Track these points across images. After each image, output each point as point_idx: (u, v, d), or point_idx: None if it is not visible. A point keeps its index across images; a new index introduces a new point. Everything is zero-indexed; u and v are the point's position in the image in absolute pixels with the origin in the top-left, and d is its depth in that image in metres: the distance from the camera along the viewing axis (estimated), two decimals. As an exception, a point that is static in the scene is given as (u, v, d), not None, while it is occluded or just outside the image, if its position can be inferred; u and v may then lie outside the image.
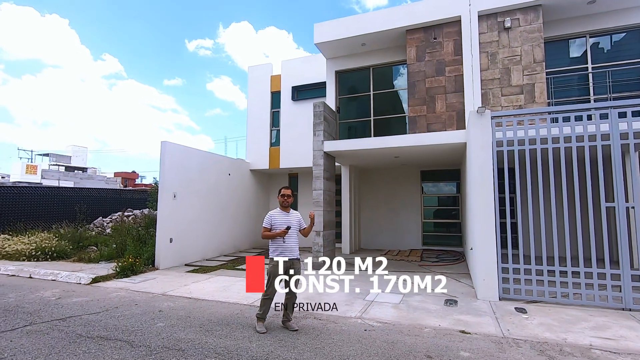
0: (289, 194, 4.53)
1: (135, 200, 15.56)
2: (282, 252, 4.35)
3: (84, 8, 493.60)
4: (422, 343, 3.97)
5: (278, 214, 4.51)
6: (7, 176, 36.22)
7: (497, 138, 5.89)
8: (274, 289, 4.32)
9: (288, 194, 4.53)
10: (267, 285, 4.35)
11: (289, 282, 4.37)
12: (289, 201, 4.54)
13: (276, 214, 4.51)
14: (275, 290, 4.33)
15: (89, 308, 5.27)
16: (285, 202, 4.52)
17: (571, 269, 5.35)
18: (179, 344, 3.90)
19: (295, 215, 4.61)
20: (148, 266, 8.22)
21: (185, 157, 9.37)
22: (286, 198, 4.51)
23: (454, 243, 11.58)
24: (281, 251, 4.36)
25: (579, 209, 5.39)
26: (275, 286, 4.31)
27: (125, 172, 47.34)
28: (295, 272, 4.38)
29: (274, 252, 4.40)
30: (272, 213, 4.53)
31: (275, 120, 13.13)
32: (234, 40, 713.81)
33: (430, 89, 8.72)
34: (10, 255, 9.26)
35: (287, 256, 4.35)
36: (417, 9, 8.87)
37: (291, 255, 4.38)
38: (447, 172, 11.93)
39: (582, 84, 8.22)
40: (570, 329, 4.33)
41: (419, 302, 5.57)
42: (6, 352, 3.68)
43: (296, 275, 4.40)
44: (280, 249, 4.37)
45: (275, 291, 4.34)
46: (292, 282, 4.37)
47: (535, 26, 7.82)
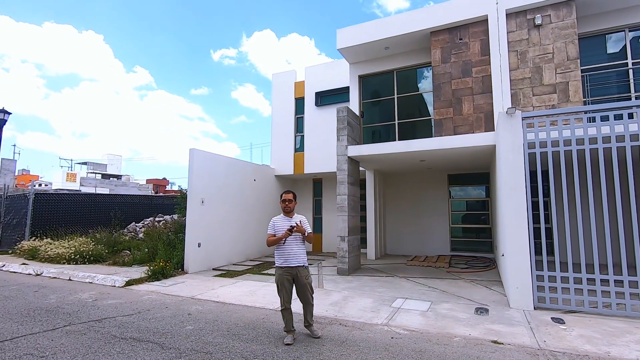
0: (290, 199, 4.37)
1: (165, 206, 16.12)
2: (287, 260, 4.21)
3: (117, 23, 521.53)
4: (451, 353, 3.84)
5: (281, 219, 4.39)
6: (50, 184, 38.60)
7: (528, 140, 5.66)
8: (286, 297, 4.18)
9: (289, 199, 4.37)
10: (279, 296, 4.23)
11: (299, 293, 4.26)
12: (290, 206, 4.37)
13: (279, 219, 4.39)
14: (288, 299, 4.18)
15: (122, 310, 5.49)
16: (287, 207, 4.37)
17: (614, 277, 5.02)
18: (207, 347, 3.98)
19: (299, 220, 4.38)
20: (177, 270, 8.47)
21: (212, 163, 9.63)
22: (287, 203, 4.36)
23: (484, 249, 11.18)
24: (285, 258, 4.22)
25: (621, 213, 5.06)
26: (286, 295, 4.18)
27: (156, 178, 49.22)
28: (302, 280, 4.22)
29: (278, 260, 4.28)
30: (275, 218, 4.42)
31: (299, 126, 13.25)
32: (257, 49, 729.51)
33: (457, 91, 8.51)
34: (52, 259, 9.83)
35: (292, 264, 4.20)
36: (441, 10, 8.72)
37: (297, 262, 4.22)
38: (476, 176, 11.57)
39: (621, 81, 7.76)
40: (614, 342, 4.05)
41: (448, 309, 5.40)
42: (47, 350, 3.89)
43: (304, 283, 4.23)
44: (284, 256, 4.22)
45: (289, 299, 4.19)
46: (302, 291, 4.24)
47: (568, 22, 7.48)
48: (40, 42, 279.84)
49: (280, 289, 4.22)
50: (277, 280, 4.26)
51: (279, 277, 4.24)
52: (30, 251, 10.58)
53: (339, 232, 8.47)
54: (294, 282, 4.26)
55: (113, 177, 42.42)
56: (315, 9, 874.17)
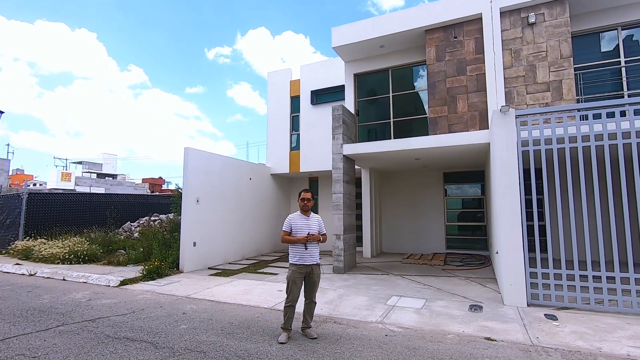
0: (309, 198, 4.39)
1: (161, 205, 16.05)
2: (302, 257, 4.24)
3: (111, 21, 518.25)
4: (445, 350, 3.85)
5: (298, 217, 4.39)
6: (44, 183, 38.32)
7: (522, 137, 5.69)
8: (296, 295, 4.21)
9: (308, 198, 4.39)
10: (288, 292, 4.23)
11: (307, 289, 4.31)
12: (309, 205, 4.39)
13: (297, 217, 4.39)
14: (297, 297, 4.22)
15: (116, 310, 5.46)
16: (305, 205, 4.38)
17: (606, 274, 5.06)
18: (201, 346, 3.97)
19: (316, 220, 4.45)
20: (173, 269, 8.44)
21: (207, 162, 9.59)
22: (306, 202, 4.38)
23: (479, 246, 11.24)
24: (301, 256, 4.25)
25: (613, 210, 5.10)
26: (296, 292, 4.22)
27: (152, 178, 49.04)
28: (314, 278, 4.29)
29: (293, 257, 4.29)
30: (293, 216, 4.42)
31: (295, 124, 13.23)
32: (251, 47, 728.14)
33: (451, 89, 8.53)
34: (46, 259, 9.76)
35: (307, 262, 4.24)
36: (435, 8, 8.73)
37: (312, 260, 4.26)
38: (471, 174, 11.62)
39: (614, 79, 7.82)
40: (606, 338, 4.09)
41: (442, 307, 5.42)
42: (40, 351, 3.86)
43: (315, 281, 4.30)
44: (300, 254, 4.25)
45: (297, 297, 4.23)
46: (311, 288, 4.30)
47: (561, 20, 7.52)
48: (32, 40, 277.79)
49: (292, 286, 4.22)
50: (290, 277, 4.25)
51: (292, 274, 4.24)
52: (23, 251, 10.50)
53: (335, 230, 8.47)
54: (305, 279, 4.28)
55: (108, 177, 42.18)
56: (309, 7, 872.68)
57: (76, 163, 44.75)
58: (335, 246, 8.43)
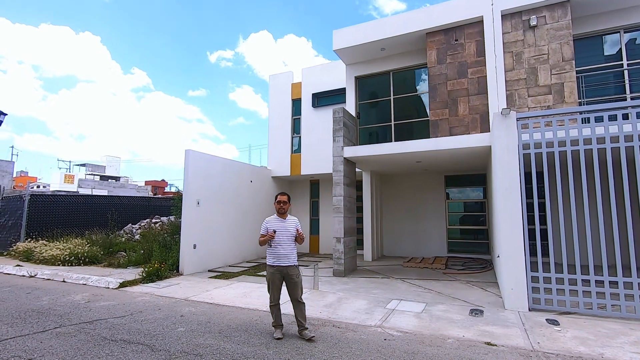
0: (285, 200, 4.51)
1: (163, 208, 16.07)
2: (278, 259, 4.36)
3: (115, 25, 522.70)
4: (444, 354, 3.80)
5: (275, 220, 4.50)
6: (48, 186, 38.52)
7: (523, 140, 5.64)
8: (276, 295, 4.36)
9: (284, 200, 4.50)
10: (269, 292, 4.40)
11: (289, 290, 4.37)
12: (285, 208, 4.51)
13: (273, 220, 4.51)
14: (277, 296, 4.36)
15: (115, 312, 5.44)
16: (281, 208, 4.50)
17: (608, 279, 4.99)
18: (198, 349, 3.94)
19: (293, 222, 4.56)
20: (173, 272, 8.42)
21: (208, 165, 9.59)
22: (282, 205, 4.49)
23: (481, 250, 11.15)
24: (277, 258, 4.36)
25: (615, 214, 5.04)
26: (276, 292, 4.35)
27: (155, 180, 49.14)
28: (294, 279, 4.35)
29: (270, 259, 4.44)
30: (269, 219, 4.55)
31: (296, 127, 13.23)
32: (253, 50, 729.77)
33: (452, 92, 8.50)
34: (46, 260, 9.77)
35: (283, 263, 4.34)
36: (436, 11, 8.72)
37: (287, 262, 4.35)
38: (473, 177, 11.56)
39: (617, 82, 7.76)
40: (608, 344, 4.02)
41: (443, 311, 5.36)
42: (36, 352, 3.84)
43: (296, 282, 4.35)
44: (275, 256, 4.37)
45: (278, 297, 4.37)
46: (292, 289, 4.36)
47: (563, 23, 7.49)
48: (37, 43, 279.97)
49: (271, 286, 4.39)
50: (268, 278, 4.45)
51: (270, 276, 4.41)
52: (25, 253, 10.53)
53: (335, 233, 8.44)
54: (285, 281, 4.40)
55: (111, 179, 42.32)
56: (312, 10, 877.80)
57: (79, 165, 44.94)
58: (336, 249, 8.38)
